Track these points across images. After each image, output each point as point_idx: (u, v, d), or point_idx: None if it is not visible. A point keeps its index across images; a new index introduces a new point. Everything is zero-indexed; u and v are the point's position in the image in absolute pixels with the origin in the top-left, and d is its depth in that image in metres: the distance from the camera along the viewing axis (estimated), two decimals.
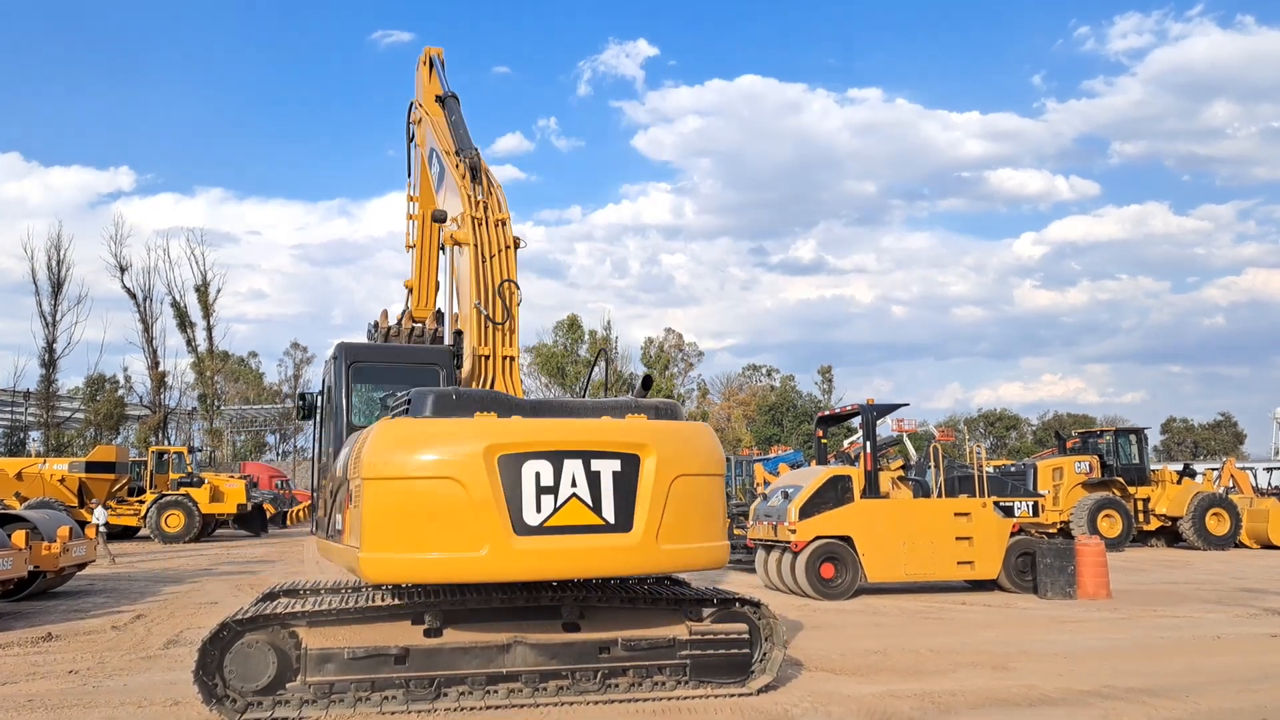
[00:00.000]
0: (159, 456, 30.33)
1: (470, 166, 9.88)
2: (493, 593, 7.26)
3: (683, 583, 8.32)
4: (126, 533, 29.23)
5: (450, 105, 11.60)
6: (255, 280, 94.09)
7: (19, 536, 12.27)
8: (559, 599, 7.30)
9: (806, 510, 13.86)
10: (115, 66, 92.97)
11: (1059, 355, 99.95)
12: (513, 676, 7.09)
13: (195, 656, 6.77)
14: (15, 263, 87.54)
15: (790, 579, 13.94)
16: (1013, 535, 14.52)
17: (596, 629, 7.30)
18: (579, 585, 7.56)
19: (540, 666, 7.12)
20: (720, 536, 7.45)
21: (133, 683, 8.21)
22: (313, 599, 7.57)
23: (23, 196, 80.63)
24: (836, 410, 17.83)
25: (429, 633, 7.08)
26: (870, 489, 14.38)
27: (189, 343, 58.31)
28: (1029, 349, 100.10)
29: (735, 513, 18.43)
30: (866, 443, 15.08)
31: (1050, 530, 22.01)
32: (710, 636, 7.43)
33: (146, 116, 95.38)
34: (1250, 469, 35.14)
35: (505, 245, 9.39)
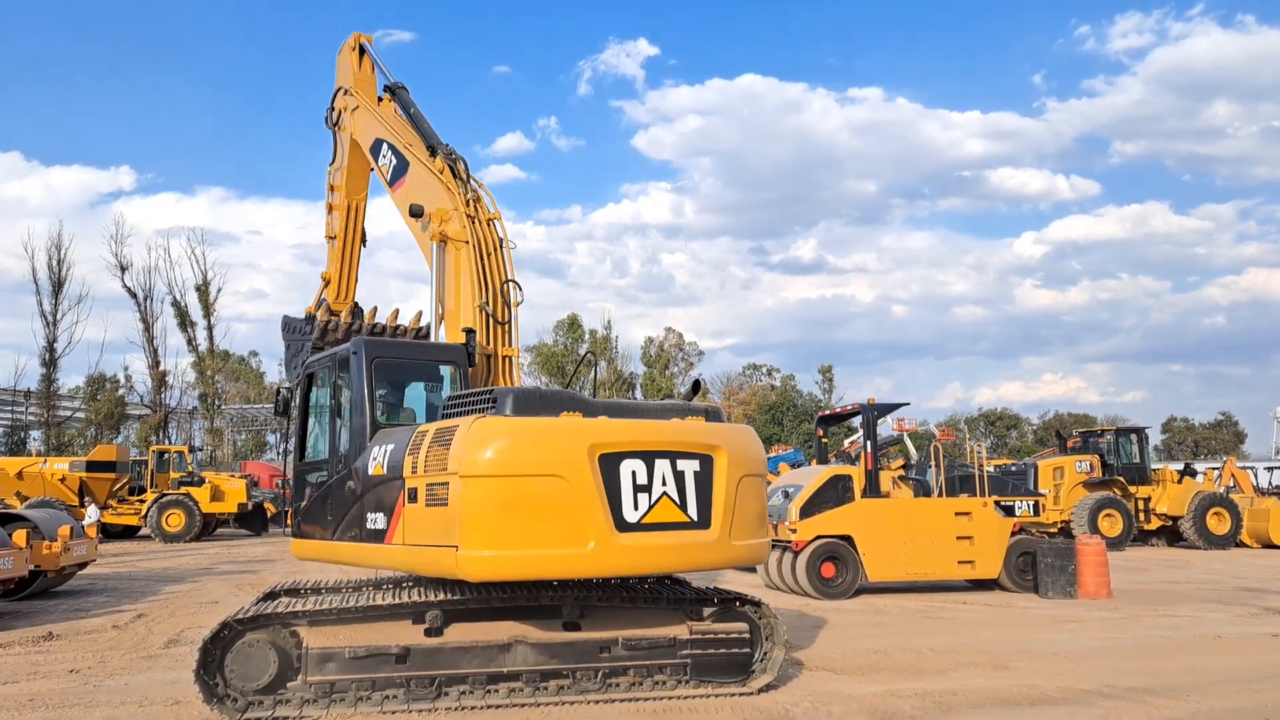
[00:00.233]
0: (159, 456, 30.28)
1: (449, 162, 9.68)
2: (492, 591, 7.27)
3: (683, 582, 8.32)
4: (127, 532, 29.25)
5: (403, 97, 11.22)
6: (256, 279, 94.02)
7: (20, 536, 12.28)
8: (559, 598, 7.30)
9: (807, 509, 13.87)
10: (116, 66, 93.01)
11: (1060, 354, 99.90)
12: (513, 676, 7.09)
13: (196, 656, 6.78)
14: (16, 262, 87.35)
15: (791, 578, 13.94)
16: (1013, 535, 14.53)
17: (597, 628, 7.30)
18: (579, 585, 7.57)
19: (541, 666, 7.12)
20: (767, 533, 7.82)
21: (133, 682, 8.22)
22: (314, 598, 7.57)
23: (23, 196, 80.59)
24: (837, 410, 17.83)
25: (430, 632, 7.08)
26: (871, 488, 14.38)
27: (189, 342, 58.35)
28: (1029, 348, 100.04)
29: None
30: (867, 442, 15.08)
31: (1051, 530, 22.00)
32: (711, 636, 7.44)
33: (147, 116, 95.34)
34: (1251, 468, 35.14)
35: (500, 243, 9.37)
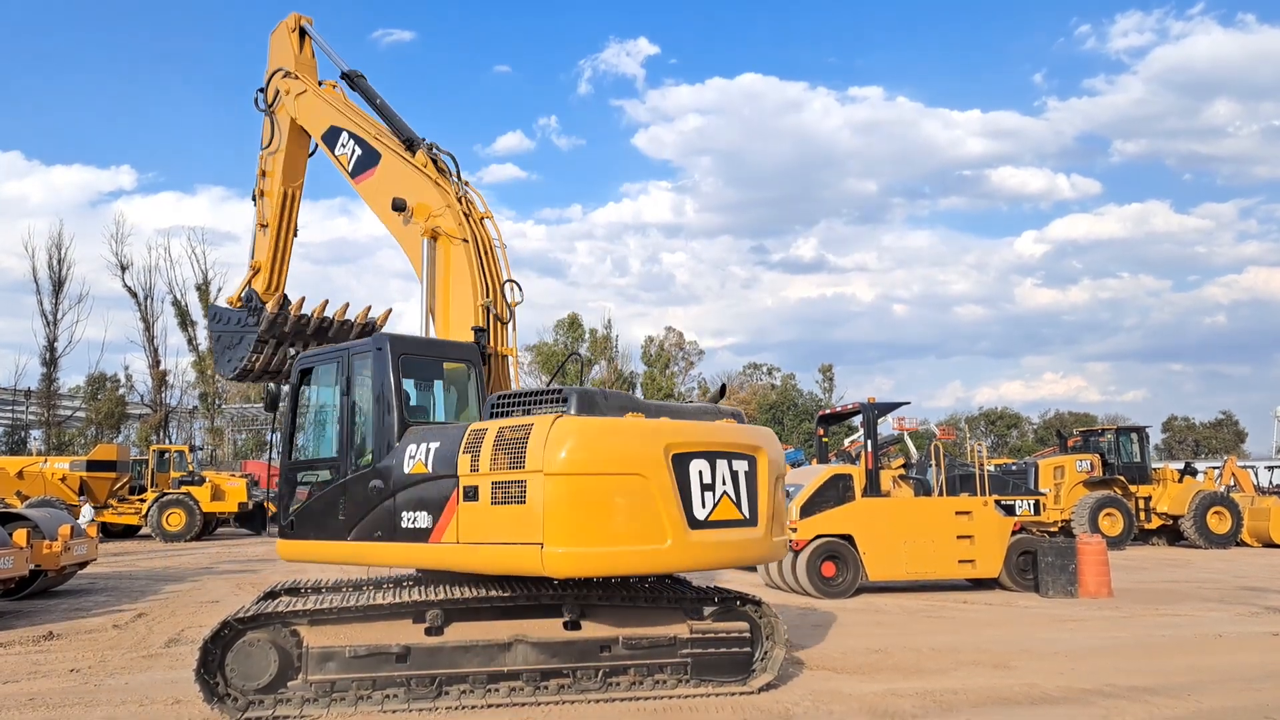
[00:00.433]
0: (160, 455, 30.28)
1: (430, 157, 9.54)
2: (492, 589, 7.27)
3: (684, 581, 8.32)
4: (128, 531, 29.27)
5: (364, 85, 10.93)
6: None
7: (20, 535, 12.28)
8: (560, 597, 7.30)
9: (807, 509, 13.86)
10: (116, 65, 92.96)
11: (1060, 354, 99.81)
12: (514, 675, 7.09)
13: (197, 655, 6.78)
14: (16, 261, 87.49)
15: (791, 578, 13.93)
16: (1014, 534, 14.52)
17: (598, 627, 7.30)
18: (580, 584, 7.56)
19: (541, 665, 7.12)
20: (786, 530, 8.19)
21: (134, 681, 8.21)
22: (314, 597, 7.56)
23: (24, 195, 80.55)
24: (837, 409, 17.83)
25: (430, 631, 7.08)
26: (871, 487, 14.38)
27: (190, 341, 58.32)
28: (1030, 347, 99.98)
29: None
30: (867, 441, 15.08)
31: (1051, 529, 22.00)
32: (711, 635, 7.44)
33: (148, 115, 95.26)
34: (1251, 467, 35.13)
35: (494, 242, 9.31)
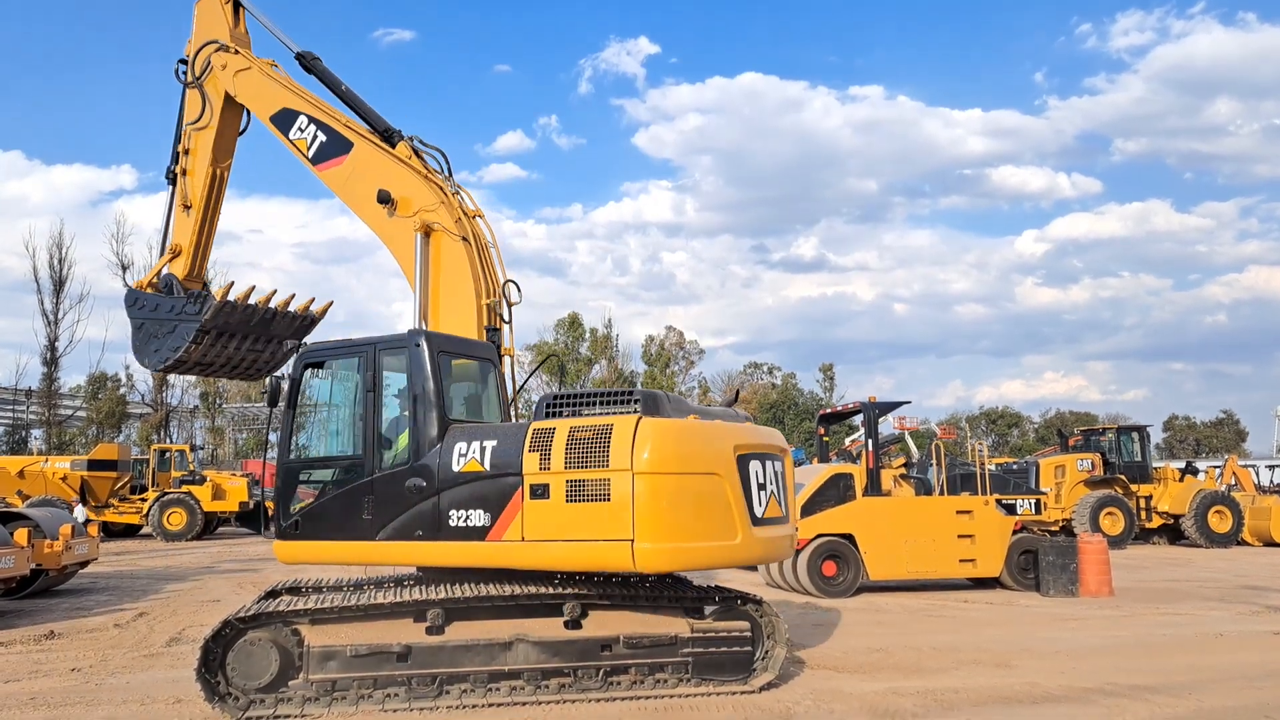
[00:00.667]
0: (161, 454, 30.31)
1: (413, 149, 9.39)
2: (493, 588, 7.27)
3: (684, 580, 8.32)
4: (129, 531, 29.30)
5: (321, 68, 10.37)
6: (257, 278, 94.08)
7: (21, 534, 12.29)
8: (561, 596, 7.30)
9: (808, 508, 13.85)
10: (117, 65, 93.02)
11: (1061, 353, 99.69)
12: (515, 674, 7.09)
13: (198, 654, 6.79)
14: (17, 261, 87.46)
15: (792, 577, 13.93)
16: (1015, 533, 14.51)
17: (599, 626, 7.30)
18: (582, 582, 7.57)
19: (542, 664, 7.12)
20: None
21: (135, 681, 8.22)
22: (315, 597, 7.56)
23: (24, 195, 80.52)
24: (838, 408, 17.84)
25: (431, 630, 7.08)
26: (872, 487, 14.37)
27: None
28: (1031, 346, 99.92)
29: None
30: (868, 440, 15.08)
31: (1052, 528, 22.00)
32: (712, 634, 7.43)
33: (148, 115, 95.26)
34: (1252, 466, 35.18)
35: (487, 240, 9.21)
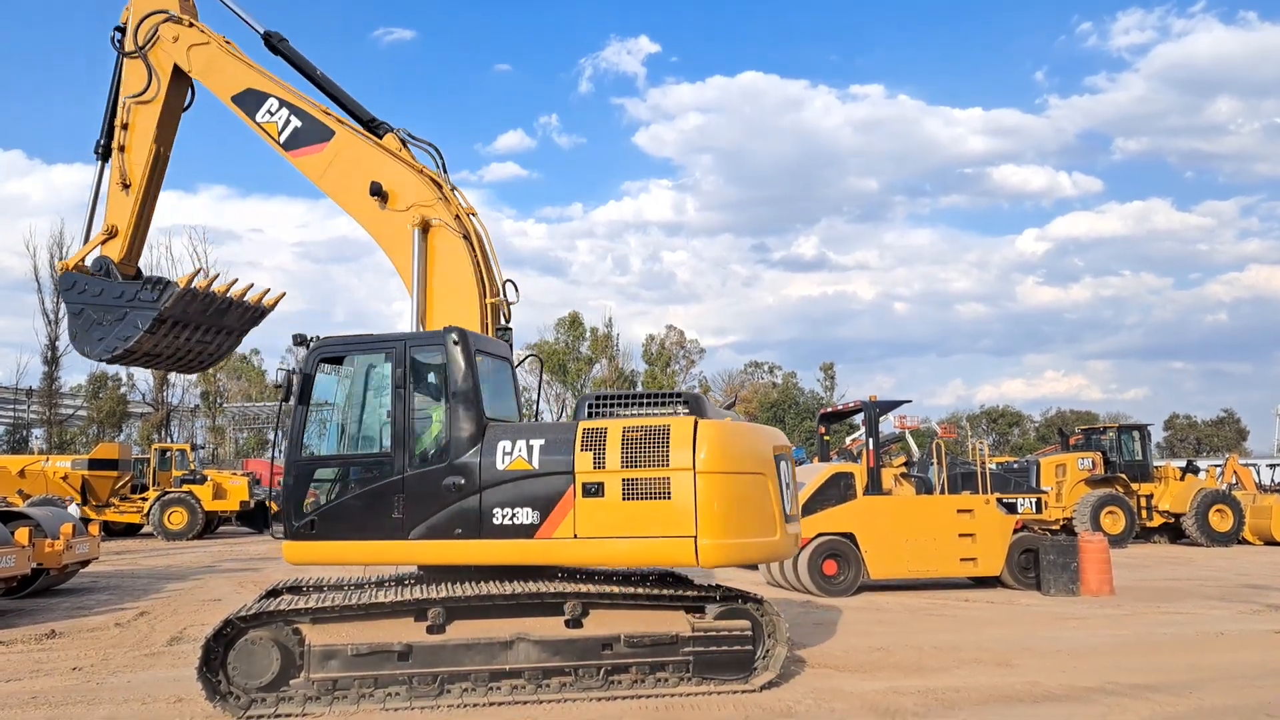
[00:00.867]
0: (162, 454, 30.30)
1: (402, 142, 9.30)
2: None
3: (685, 579, 8.32)
4: (130, 530, 29.30)
5: (287, 50, 9.99)
6: (257, 278, 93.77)
7: (22, 534, 12.28)
8: (562, 595, 7.30)
9: (809, 507, 13.82)
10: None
11: (1062, 352, 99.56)
12: (516, 673, 7.10)
13: (199, 653, 6.79)
14: (18, 260, 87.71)
15: (793, 576, 13.93)
16: (1016, 532, 14.50)
17: (599, 625, 7.30)
18: (583, 580, 7.56)
19: (543, 663, 7.12)
20: None
21: (136, 680, 8.22)
22: (316, 596, 7.56)
23: (25, 194, 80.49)
24: (839, 407, 17.84)
25: (432, 629, 7.09)
26: (873, 486, 14.37)
27: None
28: (1032, 345, 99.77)
29: None
30: (869, 439, 15.08)
31: (1053, 527, 21.98)
32: (713, 633, 7.43)
33: None
34: (1253, 465, 35.17)
35: (483, 238, 9.14)
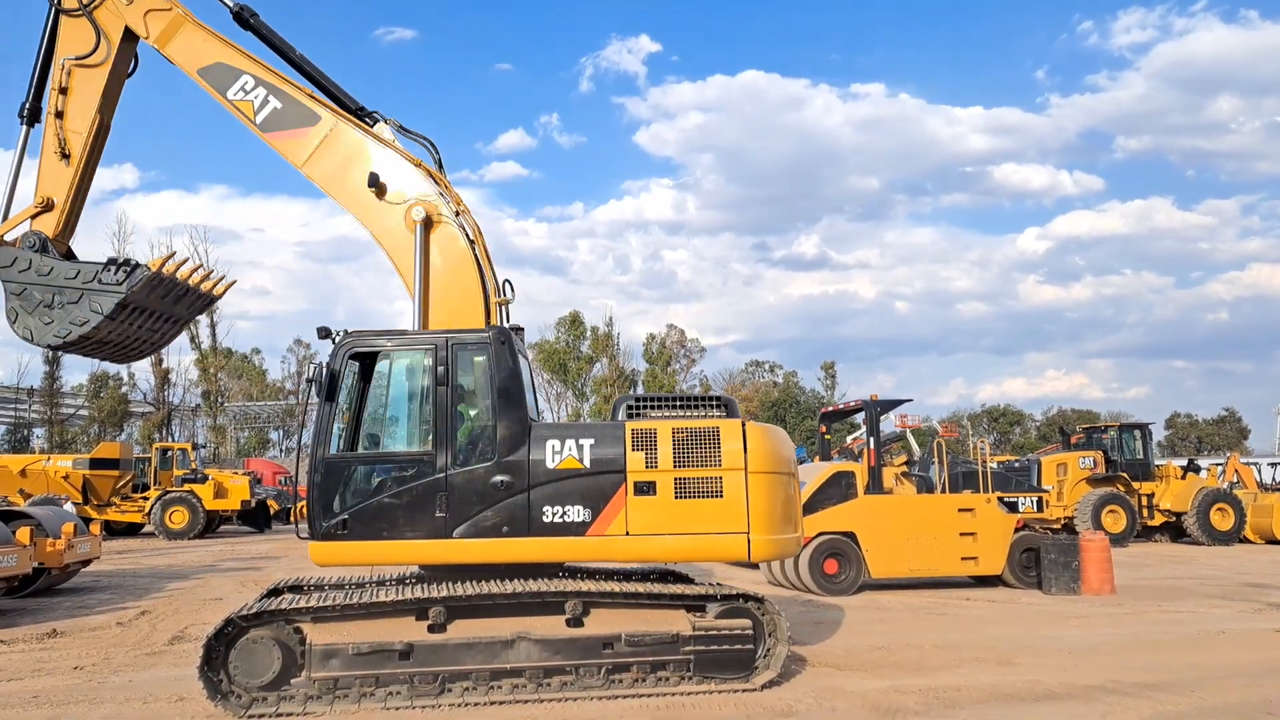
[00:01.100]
0: (163, 453, 30.32)
1: (394, 133, 9.09)
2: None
3: (686, 579, 8.32)
4: (131, 529, 29.33)
5: (259, 25, 9.42)
6: (258, 277, 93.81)
7: (23, 533, 12.29)
8: (563, 594, 7.30)
9: (810, 506, 13.82)
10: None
11: (1063, 350, 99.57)
12: (517, 672, 7.10)
13: (200, 652, 6.79)
14: None
15: (794, 575, 13.93)
16: (1017, 531, 14.50)
17: (600, 625, 7.30)
18: (584, 579, 7.56)
19: (544, 662, 7.12)
20: None
21: (138, 679, 8.23)
22: (317, 595, 7.56)
23: (26, 194, 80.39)
24: (840, 406, 17.84)
25: (433, 628, 7.09)
26: (874, 485, 14.37)
27: (192, 339, 58.45)
28: (1033, 344, 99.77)
29: None
30: (870, 438, 15.08)
31: (1054, 526, 21.98)
32: (714, 632, 7.43)
33: (150, 114, 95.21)
34: (1254, 464, 35.15)
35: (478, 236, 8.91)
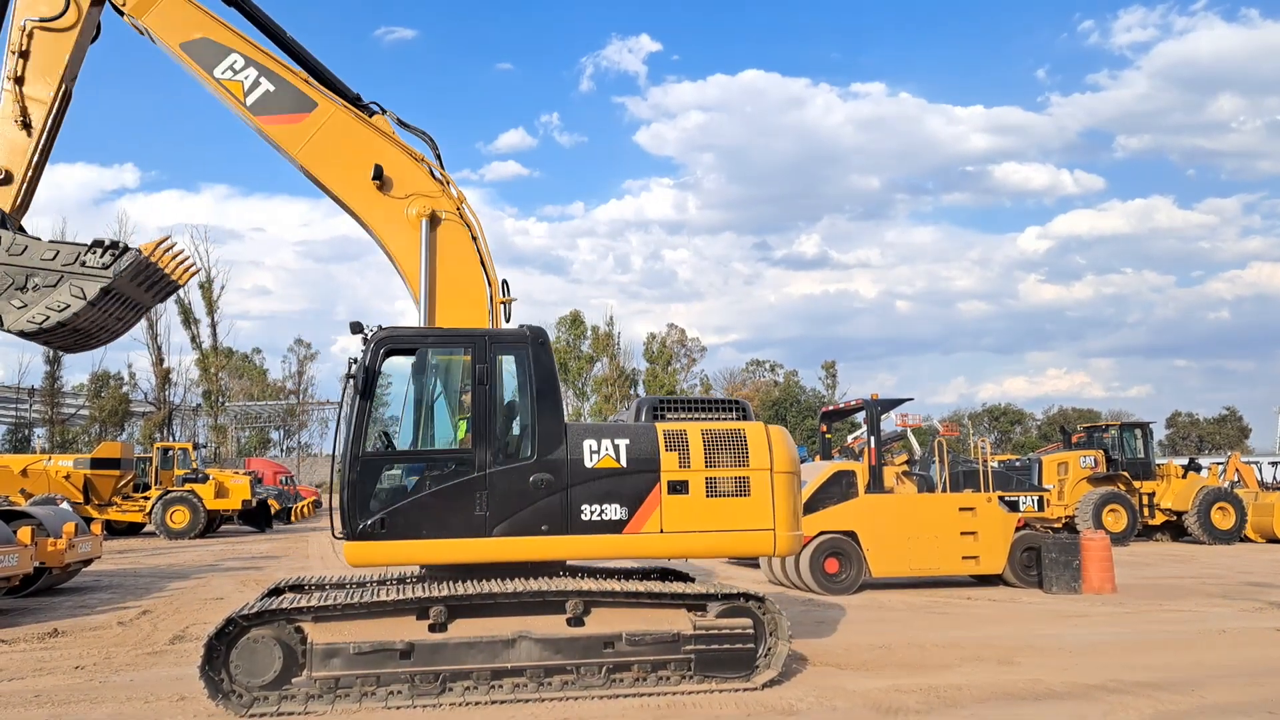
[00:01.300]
0: (164, 453, 30.32)
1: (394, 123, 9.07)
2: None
3: (687, 578, 8.32)
4: (132, 529, 29.34)
5: (254, 7, 9.06)
6: (259, 277, 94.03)
7: (24, 533, 12.29)
8: (564, 594, 7.30)
9: (810, 505, 13.82)
10: (119, 63, 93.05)
11: (1064, 350, 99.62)
12: (517, 671, 7.10)
13: (201, 651, 6.79)
14: None
15: (794, 574, 13.93)
16: (1018, 530, 14.50)
17: (601, 624, 7.30)
18: (585, 578, 7.56)
19: (545, 661, 7.12)
20: None
21: (139, 678, 8.23)
22: (318, 594, 7.56)
23: None
24: (840, 405, 17.82)
25: (434, 628, 7.09)
26: (875, 484, 14.37)
27: (193, 339, 58.60)
28: (1034, 343, 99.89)
29: None
30: (871, 438, 15.08)
31: (1055, 525, 21.98)
32: (715, 631, 7.43)
33: (151, 113, 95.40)
34: (1255, 463, 35.16)
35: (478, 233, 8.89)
